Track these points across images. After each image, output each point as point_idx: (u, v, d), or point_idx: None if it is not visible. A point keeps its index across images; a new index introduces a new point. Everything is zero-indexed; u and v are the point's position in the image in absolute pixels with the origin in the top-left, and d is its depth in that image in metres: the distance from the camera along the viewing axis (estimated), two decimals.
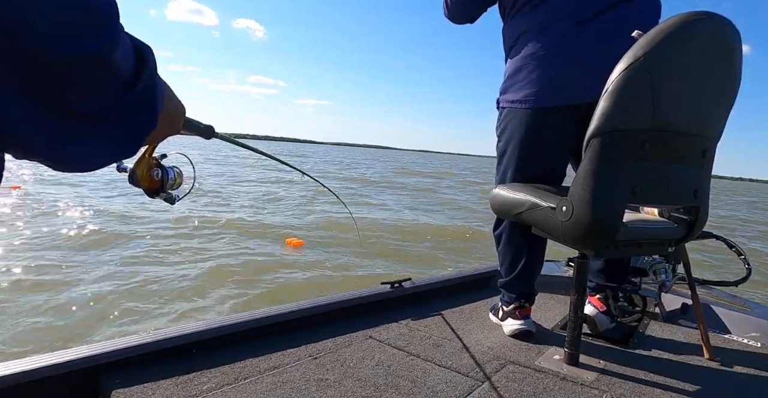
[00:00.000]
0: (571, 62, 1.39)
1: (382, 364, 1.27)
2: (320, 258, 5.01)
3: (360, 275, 4.48)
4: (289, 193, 11.01)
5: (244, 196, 10.17)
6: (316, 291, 3.75)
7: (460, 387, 1.17)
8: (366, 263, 4.99)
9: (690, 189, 1.20)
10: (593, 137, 1.08)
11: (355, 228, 5.85)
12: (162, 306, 3.38)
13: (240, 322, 1.35)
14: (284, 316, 1.44)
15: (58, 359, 1.04)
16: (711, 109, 1.17)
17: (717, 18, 1.06)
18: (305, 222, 7.17)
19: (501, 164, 1.57)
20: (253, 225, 6.61)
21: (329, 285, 4.06)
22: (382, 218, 8.15)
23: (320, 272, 4.48)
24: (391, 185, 16.58)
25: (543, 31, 1.42)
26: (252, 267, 4.45)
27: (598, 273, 1.63)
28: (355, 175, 20.89)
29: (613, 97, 1.04)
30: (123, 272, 4.05)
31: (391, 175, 22.82)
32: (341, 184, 15.20)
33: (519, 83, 1.47)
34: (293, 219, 7.40)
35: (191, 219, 6.51)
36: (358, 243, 5.57)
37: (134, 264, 4.33)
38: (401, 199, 12.11)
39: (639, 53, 1.01)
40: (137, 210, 7.09)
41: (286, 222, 7.09)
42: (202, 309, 3.39)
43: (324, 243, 5.74)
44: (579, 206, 1.11)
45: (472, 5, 1.63)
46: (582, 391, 1.19)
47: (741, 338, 1.65)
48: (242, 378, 1.14)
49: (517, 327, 1.53)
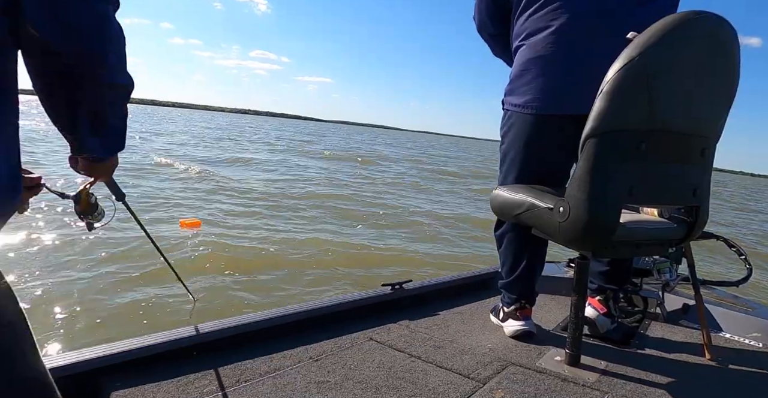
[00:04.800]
0: (576, 69, 1.35)
1: (383, 366, 1.27)
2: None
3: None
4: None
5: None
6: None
7: (461, 388, 1.17)
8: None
9: (689, 189, 1.20)
10: (589, 138, 1.08)
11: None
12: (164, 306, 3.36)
13: (240, 325, 1.35)
14: (285, 318, 1.44)
15: (58, 362, 1.05)
16: (709, 108, 1.17)
17: (712, 17, 1.06)
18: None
19: (504, 166, 1.57)
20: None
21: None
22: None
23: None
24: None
25: (549, 34, 1.39)
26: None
27: (600, 275, 1.62)
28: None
29: (608, 98, 1.04)
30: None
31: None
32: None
33: (523, 87, 1.46)
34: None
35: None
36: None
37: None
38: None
39: (634, 53, 1.01)
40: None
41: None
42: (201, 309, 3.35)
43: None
44: (575, 206, 1.11)
45: (488, 8, 1.62)
46: (583, 392, 1.19)
47: (742, 338, 1.64)
48: (243, 381, 1.15)
49: (518, 328, 1.53)
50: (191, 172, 9.75)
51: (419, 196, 10.07)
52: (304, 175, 11.42)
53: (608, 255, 1.24)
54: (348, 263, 4.46)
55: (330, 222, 6.25)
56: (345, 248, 4.93)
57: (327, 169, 13.34)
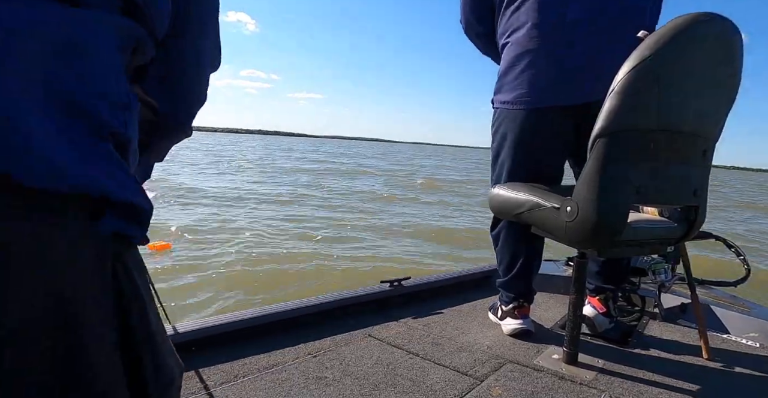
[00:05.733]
0: (561, 60, 1.35)
1: (381, 363, 1.27)
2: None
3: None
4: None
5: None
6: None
7: (459, 385, 1.17)
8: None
9: (690, 188, 1.20)
10: (599, 137, 1.07)
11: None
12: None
13: (239, 320, 1.34)
14: (284, 314, 1.44)
15: None
16: (713, 109, 1.18)
17: (721, 20, 1.06)
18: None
19: (496, 164, 1.56)
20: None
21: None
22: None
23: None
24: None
25: (531, 28, 1.38)
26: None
27: (599, 275, 1.62)
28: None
29: (619, 97, 1.03)
30: None
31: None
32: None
33: (510, 83, 1.45)
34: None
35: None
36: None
37: None
38: None
39: (646, 53, 1.00)
40: None
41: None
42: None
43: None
44: (584, 206, 1.10)
45: (473, 8, 1.61)
46: (580, 390, 1.20)
47: (740, 338, 1.65)
48: (241, 376, 1.14)
49: (516, 327, 1.53)
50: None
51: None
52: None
53: (614, 255, 1.24)
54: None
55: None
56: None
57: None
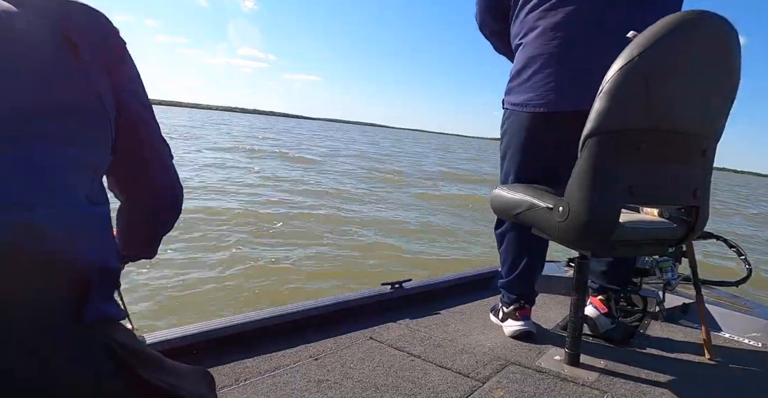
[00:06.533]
0: (572, 66, 1.35)
1: (383, 365, 1.27)
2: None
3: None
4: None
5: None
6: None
7: (461, 387, 1.17)
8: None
9: (689, 189, 1.19)
10: (589, 137, 1.08)
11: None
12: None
13: (240, 323, 1.35)
14: (285, 317, 1.44)
15: None
16: (710, 108, 1.17)
17: (714, 17, 1.06)
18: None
19: (504, 165, 1.57)
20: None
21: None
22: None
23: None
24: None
25: (545, 31, 1.39)
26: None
27: (601, 275, 1.62)
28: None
29: (608, 97, 1.04)
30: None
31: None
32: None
33: (521, 86, 1.45)
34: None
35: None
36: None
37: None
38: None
39: (634, 53, 1.01)
40: None
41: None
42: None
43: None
44: (575, 206, 1.11)
45: (488, 6, 1.63)
46: (583, 392, 1.19)
47: (742, 338, 1.64)
48: (243, 380, 1.15)
49: (518, 328, 1.53)
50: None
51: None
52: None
53: (607, 255, 1.24)
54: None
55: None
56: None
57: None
